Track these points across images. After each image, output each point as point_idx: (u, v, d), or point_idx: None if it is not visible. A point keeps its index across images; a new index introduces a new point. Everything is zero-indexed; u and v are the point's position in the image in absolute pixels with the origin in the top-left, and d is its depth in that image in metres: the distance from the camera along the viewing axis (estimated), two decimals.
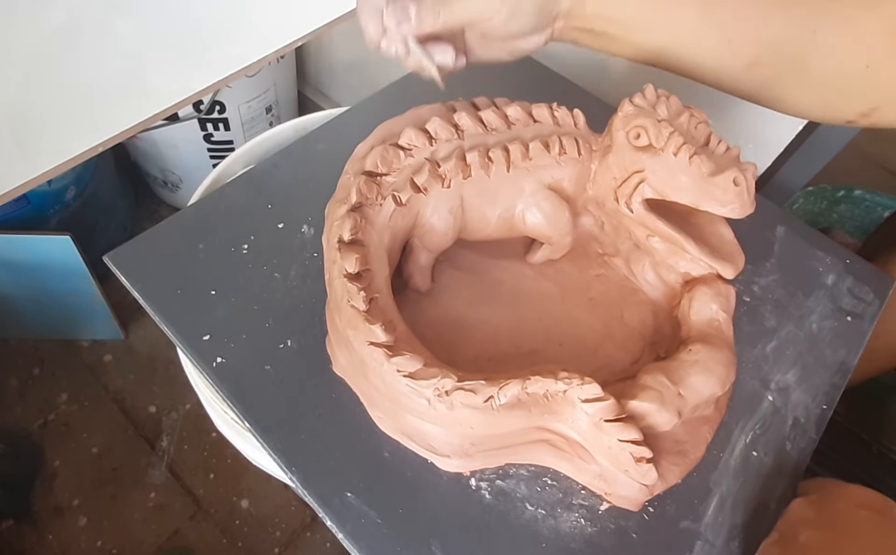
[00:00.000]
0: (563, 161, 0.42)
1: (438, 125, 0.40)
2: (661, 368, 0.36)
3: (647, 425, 0.35)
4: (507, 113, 0.42)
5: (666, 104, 0.41)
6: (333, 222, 0.38)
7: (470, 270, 0.45)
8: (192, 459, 0.98)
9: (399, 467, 0.37)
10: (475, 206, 0.41)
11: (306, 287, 0.44)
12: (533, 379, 0.34)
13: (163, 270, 0.44)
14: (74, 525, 0.91)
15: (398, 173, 0.39)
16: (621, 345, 0.42)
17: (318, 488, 0.36)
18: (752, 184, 0.37)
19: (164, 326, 0.41)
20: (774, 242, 0.52)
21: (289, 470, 0.36)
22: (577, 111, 0.44)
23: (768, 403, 0.42)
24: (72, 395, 1.03)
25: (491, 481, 0.37)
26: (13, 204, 0.86)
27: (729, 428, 0.40)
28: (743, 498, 0.38)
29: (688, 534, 0.36)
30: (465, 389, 0.33)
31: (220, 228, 0.47)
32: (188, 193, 0.69)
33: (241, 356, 0.40)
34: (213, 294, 0.43)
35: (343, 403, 0.39)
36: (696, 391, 0.36)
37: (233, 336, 0.41)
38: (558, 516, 0.36)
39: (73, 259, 0.87)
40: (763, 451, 0.40)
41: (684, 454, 0.37)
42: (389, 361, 0.34)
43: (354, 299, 0.35)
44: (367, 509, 0.35)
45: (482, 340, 0.41)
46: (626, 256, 0.46)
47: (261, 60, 0.66)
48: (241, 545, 0.92)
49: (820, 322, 0.47)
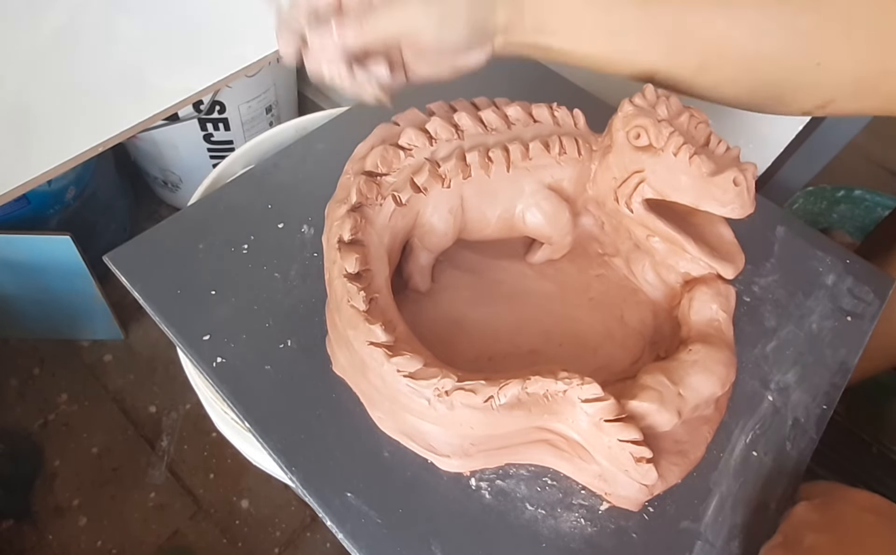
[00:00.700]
0: (563, 161, 0.42)
1: (438, 125, 0.40)
2: (661, 368, 0.36)
3: (647, 425, 0.35)
4: (507, 113, 0.42)
5: (666, 104, 0.41)
6: (333, 222, 0.38)
7: (470, 270, 0.45)
8: (192, 459, 0.98)
9: (399, 467, 0.37)
10: (475, 206, 0.41)
11: (306, 287, 0.44)
12: (533, 379, 0.34)
13: (163, 270, 0.44)
14: (74, 525, 0.91)
15: (398, 173, 0.39)
16: (621, 345, 0.42)
17: (318, 488, 0.36)
18: (752, 184, 0.37)
19: (164, 327, 0.41)
20: (774, 242, 0.52)
21: (289, 470, 0.36)
22: (577, 111, 0.44)
23: (768, 403, 0.42)
24: (72, 395, 1.03)
25: (491, 480, 0.37)
26: (13, 204, 0.85)
27: (729, 428, 0.40)
28: (743, 498, 0.38)
29: (688, 534, 0.36)
30: (465, 389, 0.33)
31: (220, 227, 0.47)
32: (188, 193, 0.69)
33: (241, 356, 0.40)
34: (213, 294, 0.43)
35: (343, 403, 0.39)
36: (696, 391, 0.36)
37: (233, 336, 0.41)
38: (558, 516, 0.36)
39: (73, 259, 0.87)
40: (763, 451, 0.40)
41: (684, 454, 0.37)
42: (389, 361, 0.34)
43: (354, 299, 0.35)
44: (367, 509, 0.35)
45: (482, 340, 0.41)
46: (626, 256, 0.46)
47: (261, 60, 0.66)
48: (241, 545, 0.92)
49: (820, 322, 0.47)
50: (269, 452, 0.37)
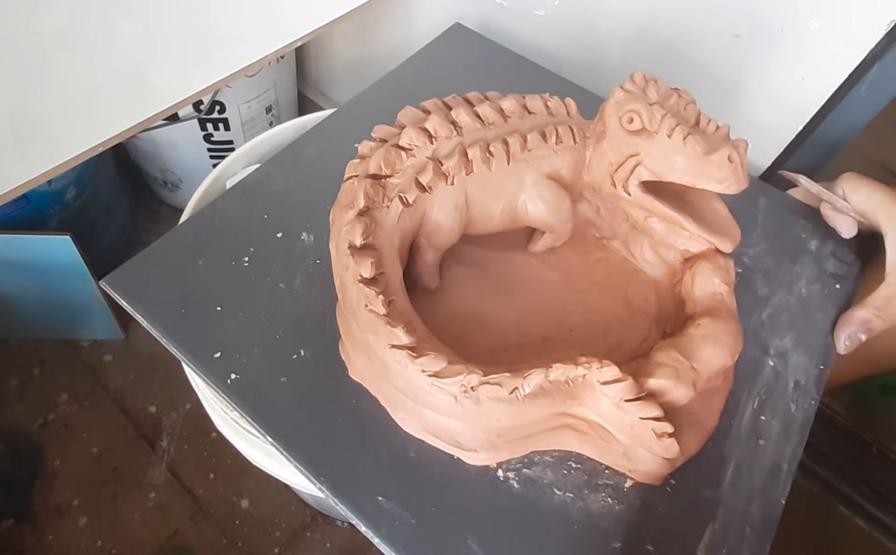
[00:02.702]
0: (560, 150, 0.42)
1: (437, 123, 0.41)
2: (673, 344, 0.37)
3: (666, 400, 0.36)
4: (503, 107, 0.43)
5: (655, 88, 0.42)
6: (342, 228, 0.38)
7: (475, 265, 0.45)
8: (192, 459, 0.98)
9: (427, 465, 0.37)
10: (479, 200, 0.41)
11: (312, 295, 0.44)
12: (554, 366, 0.35)
13: (164, 291, 0.43)
14: (74, 525, 0.91)
15: (402, 174, 0.40)
16: (629, 325, 0.43)
17: (349, 496, 0.36)
18: (745, 159, 0.39)
19: (174, 348, 0.41)
20: (758, 212, 0.54)
21: (317, 480, 0.36)
22: (569, 100, 0.45)
23: (770, 369, 0.44)
24: (72, 395, 1.03)
25: (518, 470, 0.37)
26: (13, 204, 0.85)
27: (737, 396, 0.42)
28: (757, 462, 0.39)
29: (710, 502, 0.37)
30: (491, 382, 0.34)
31: (218, 242, 0.46)
32: (188, 193, 0.69)
33: (256, 371, 0.40)
34: (218, 310, 0.43)
35: (364, 407, 0.39)
36: (708, 364, 0.37)
37: (244, 351, 0.41)
38: (586, 498, 0.37)
39: (73, 259, 0.87)
40: (770, 415, 0.41)
41: (700, 425, 0.39)
42: (414, 363, 0.34)
43: (373, 304, 0.35)
44: (399, 511, 0.35)
45: (496, 332, 0.42)
46: (623, 238, 0.47)
47: (261, 60, 0.66)
48: (241, 545, 0.92)
49: (808, 286, 0.49)
50: (295, 465, 0.37)
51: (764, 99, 0.62)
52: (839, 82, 0.57)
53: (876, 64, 0.54)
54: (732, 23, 0.60)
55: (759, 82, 0.62)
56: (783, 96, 0.61)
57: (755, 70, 0.61)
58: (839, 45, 0.55)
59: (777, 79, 0.60)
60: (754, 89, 0.62)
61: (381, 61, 0.64)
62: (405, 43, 0.93)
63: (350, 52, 1.11)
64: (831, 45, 0.55)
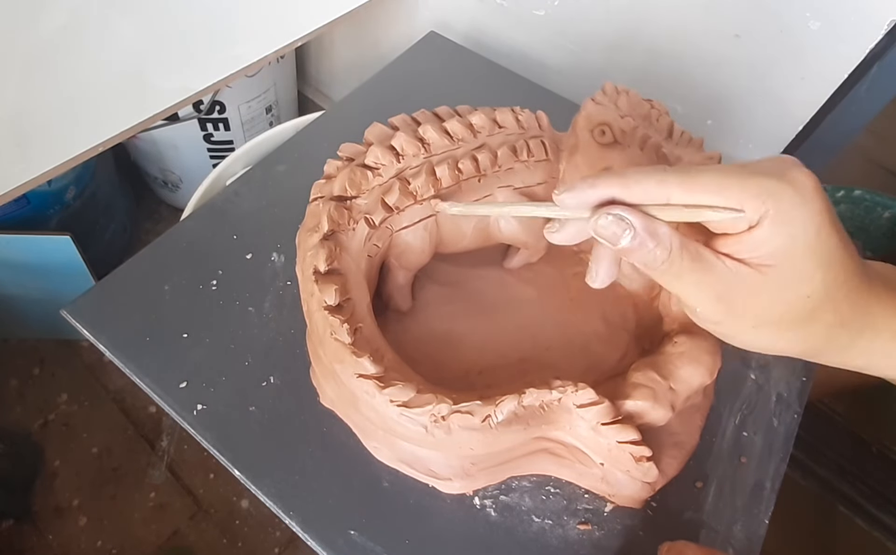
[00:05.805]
0: (532, 165, 0.41)
1: (404, 141, 0.39)
2: (651, 364, 0.36)
3: (643, 422, 0.35)
4: (472, 122, 0.41)
5: (626, 99, 0.41)
6: (307, 252, 0.37)
7: (449, 284, 0.44)
8: (192, 459, 0.98)
9: (400, 495, 0.36)
10: (449, 219, 0.40)
11: (283, 318, 0.43)
12: (528, 392, 0.34)
13: (129, 318, 0.42)
14: (74, 525, 0.91)
15: (368, 195, 0.38)
16: (607, 342, 0.42)
17: (319, 530, 0.34)
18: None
19: (137, 379, 0.39)
20: None
21: (287, 515, 0.35)
22: (541, 113, 0.43)
23: (751, 382, 0.43)
24: (72, 395, 1.02)
25: (494, 497, 0.36)
26: (13, 204, 0.85)
27: (718, 412, 0.41)
28: (739, 480, 0.38)
29: (692, 524, 0.36)
30: (462, 411, 0.33)
31: (185, 266, 0.45)
32: (188, 193, 0.69)
33: (223, 400, 0.39)
34: (185, 337, 0.41)
35: (335, 436, 0.38)
36: (686, 383, 0.36)
37: (211, 380, 0.40)
38: (565, 524, 0.36)
39: (73, 259, 0.86)
40: (752, 430, 0.41)
41: (680, 446, 0.38)
42: (381, 393, 0.33)
43: (338, 333, 0.34)
44: (372, 545, 0.34)
45: (470, 354, 0.41)
46: None
47: (261, 60, 0.66)
48: (241, 545, 0.92)
49: None
50: (263, 498, 0.35)
51: (763, 99, 0.62)
52: (839, 82, 0.56)
53: (876, 64, 0.53)
54: (732, 23, 0.59)
55: (759, 82, 0.61)
56: (783, 96, 0.60)
57: (755, 70, 0.61)
58: (839, 45, 0.54)
59: (777, 79, 0.59)
60: (754, 89, 0.62)
61: (381, 61, 0.63)
62: (406, 42, 0.93)
63: (350, 52, 1.11)
64: (831, 45, 0.54)
